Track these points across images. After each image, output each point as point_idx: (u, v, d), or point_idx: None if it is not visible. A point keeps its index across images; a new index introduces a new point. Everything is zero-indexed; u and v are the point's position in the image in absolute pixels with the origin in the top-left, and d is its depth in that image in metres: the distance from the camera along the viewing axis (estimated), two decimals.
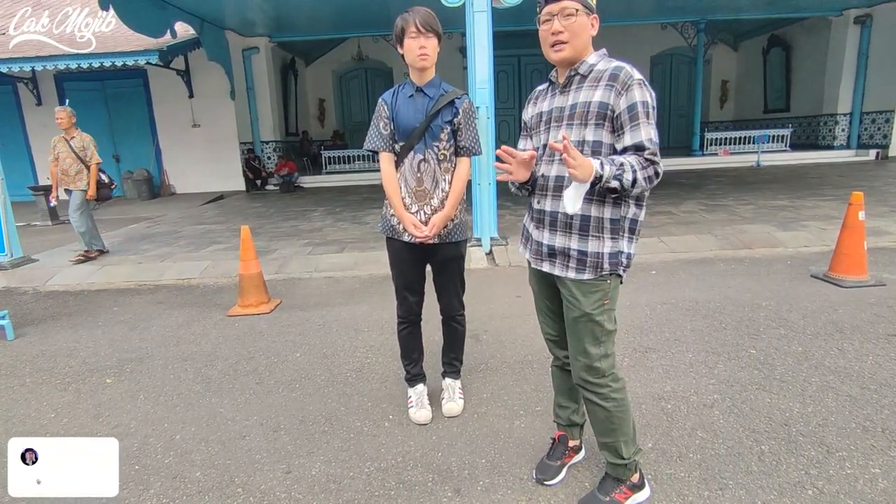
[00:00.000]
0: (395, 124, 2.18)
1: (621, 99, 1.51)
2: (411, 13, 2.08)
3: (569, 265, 1.65)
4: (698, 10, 11.35)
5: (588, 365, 1.69)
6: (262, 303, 4.05)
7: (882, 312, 3.34)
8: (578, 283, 1.64)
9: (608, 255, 1.61)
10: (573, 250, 1.63)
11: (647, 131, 1.50)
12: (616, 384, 1.71)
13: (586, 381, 1.71)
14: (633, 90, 1.50)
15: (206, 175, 11.55)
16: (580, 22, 1.56)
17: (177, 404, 2.68)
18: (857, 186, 7.75)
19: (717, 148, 12.66)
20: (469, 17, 5.04)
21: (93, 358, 3.30)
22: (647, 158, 1.49)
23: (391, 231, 2.28)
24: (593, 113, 1.55)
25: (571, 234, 1.64)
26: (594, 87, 1.57)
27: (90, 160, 5.48)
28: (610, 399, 1.69)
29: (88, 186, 5.51)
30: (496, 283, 4.45)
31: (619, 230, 1.61)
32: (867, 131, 11.96)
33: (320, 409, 2.55)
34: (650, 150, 1.50)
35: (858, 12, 11.37)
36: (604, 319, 1.65)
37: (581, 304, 1.65)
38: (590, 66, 1.60)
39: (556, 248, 1.67)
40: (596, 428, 1.77)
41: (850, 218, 3.91)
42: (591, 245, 1.61)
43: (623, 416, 1.71)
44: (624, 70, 1.53)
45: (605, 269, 1.61)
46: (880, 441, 2.07)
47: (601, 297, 1.64)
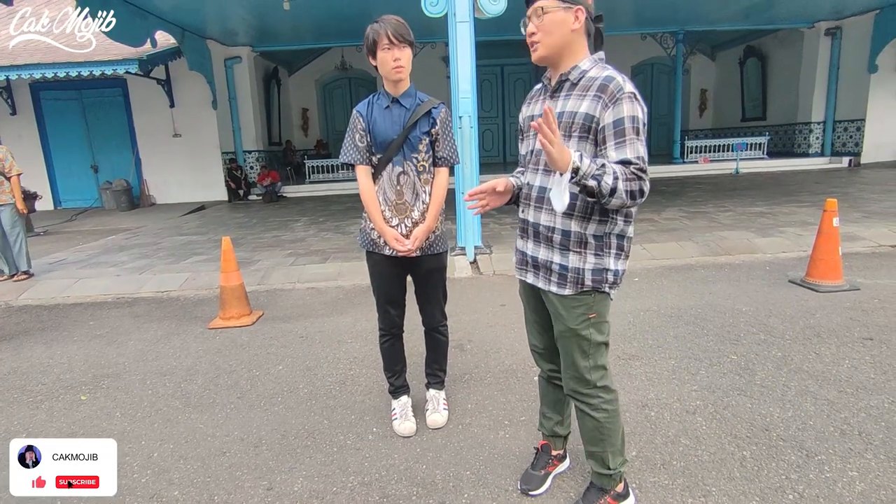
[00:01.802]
0: (372, 136, 2.14)
1: (607, 111, 1.43)
2: (382, 23, 2.03)
3: (550, 279, 1.63)
4: (676, 21, 11.62)
5: (577, 376, 1.67)
6: (244, 315, 3.99)
7: (857, 316, 3.41)
8: (560, 298, 1.62)
9: (590, 271, 1.56)
10: (555, 264, 1.60)
11: (634, 148, 1.42)
12: (607, 395, 1.68)
13: (576, 391, 1.70)
14: (622, 104, 1.42)
15: (188, 185, 11.40)
16: (550, 18, 1.48)
17: (155, 421, 2.61)
18: (832, 193, 7.95)
19: (698, 155, 12.89)
20: (451, 28, 5.07)
21: (67, 374, 3.21)
22: (634, 172, 1.41)
23: (372, 245, 2.25)
24: (578, 125, 1.49)
25: (553, 248, 1.60)
26: (582, 96, 1.49)
27: (9, 172, 5.16)
28: (600, 410, 1.67)
29: (14, 199, 5.20)
30: (480, 291, 4.45)
31: (604, 247, 1.56)
32: (840, 139, 12.29)
33: (303, 423, 2.51)
34: (636, 166, 1.41)
35: (829, 24, 11.74)
36: (590, 333, 1.62)
37: (565, 318, 1.63)
38: (581, 73, 1.52)
39: (539, 260, 1.65)
40: (584, 437, 1.76)
41: (824, 224, 4.00)
42: (572, 260, 1.57)
43: (612, 427, 1.69)
44: (615, 81, 1.44)
45: (587, 285, 1.57)
46: (857, 444, 2.10)
47: (584, 311, 1.60)
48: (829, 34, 11.80)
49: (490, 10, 5.05)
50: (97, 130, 11.46)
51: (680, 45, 12.90)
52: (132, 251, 6.58)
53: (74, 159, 11.48)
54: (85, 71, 8.69)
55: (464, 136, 4.97)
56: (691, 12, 10.79)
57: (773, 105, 13.71)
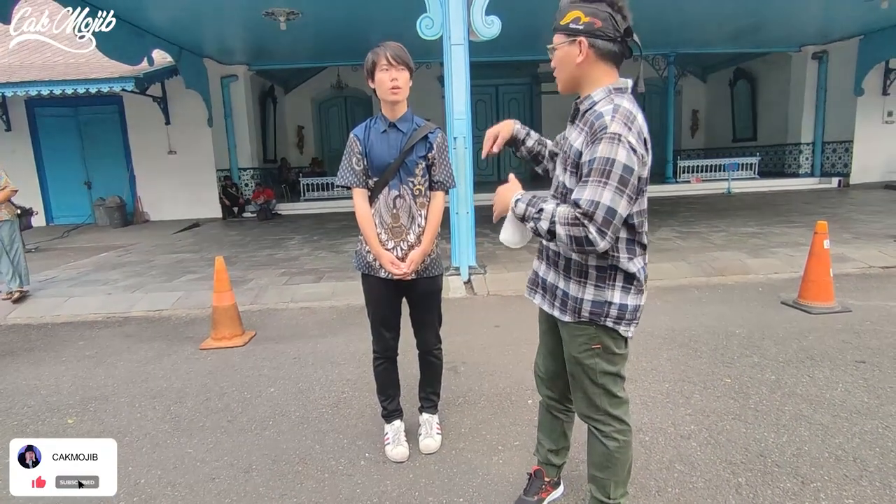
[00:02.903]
0: (369, 160, 2.16)
1: (587, 150, 1.40)
2: (382, 47, 2.08)
3: (554, 303, 1.62)
4: (668, 43, 11.85)
5: (587, 400, 1.64)
6: (236, 335, 3.96)
7: (849, 339, 3.42)
8: (563, 324, 1.61)
9: (590, 302, 1.53)
10: (559, 289, 1.60)
11: (592, 191, 1.33)
12: (620, 425, 1.63)
13: (587, 415, 1.67)
14: (601, 143, 1.35)
15: (182, 202, 11.37)
16: (558, 55, 1.50)
17: (143, 445, 2.57)
18: (822, 213, 8.05)
19: (690, 175, 13.03)
20: (447, 50, 5.14)
21: (54, 396, 3.15)
22: (577, 216, 1.34)
23: (367, 268, 2.25)
24: (571, 160, 1.47)
25: (559, 273, 1.60)
26: (581, 130, 1.46)
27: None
28: (611, 438, 1.63)
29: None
30: (475, 312, 4.43)
31: (607, 278, 1.51)
32: (829, 160, 12.48)
33: (294, 448, 2.48)
34: (581, 210, 1.34)
35: (815, 48, 12.01)
36: (595, 363, 1.57)
37: (568, 345, 1.62)
38: (591, 104, 1.47)
39: (548, 283, 1.65)
40: (591, 460, 1.72)
41: (815, 246, 4.04)
42: (573, 288, 1.56)
43: (621, 458, 1.65)
44: (602, 119, 1.37)
45: (584, 315, 1.53)
46: (852, 470, 2.09)
47: (586, 340, 1.56)
48: (816, 58, 12.06)
49: (484, 33, 5.13)
50: (92, 147, 11.44)
51: (671, 66, 13.16)
52: (124, 269, 6.53)
53: (68, 175, 11.43)
54: (81, 88, 8.70)
55: (458, 156, 5.01)
56: (682, 35, 11.02)
57: (764, 126, 13.94)
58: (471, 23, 5.09)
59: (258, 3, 7.51)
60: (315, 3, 7.70)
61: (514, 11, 6.18)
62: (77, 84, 8.67)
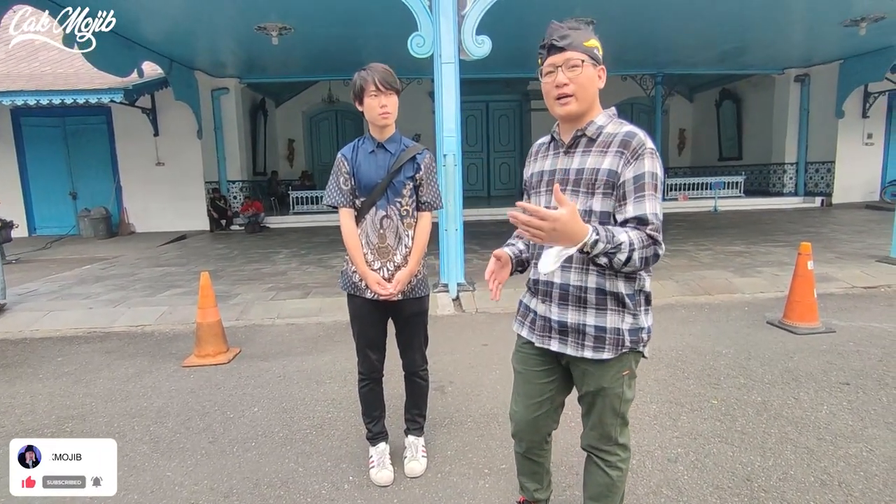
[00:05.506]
0: (356, 180, 2.16)
1: (629, 168, 1.40)
2: (369, 71, 2.09)
3: (584, 343, 1.51)
4: (656, 64, 12.10)
5: (602, 434, 1.60)
6: (220, 352, 3.89)
7: (833, 360, 3.45)
8: (590, 361, 1.52)
9: (629, 331, 1.49)
10: (589, 326, 1.50)
11: (652, 205, 1.38)
12: (624, 454, 1.62)
13: (595, 448, 1.63)
14: (644, 160, 1.39)
15: (169, 214, 11.26)
16: (586, 74, 1.44)
17: (120, 468, 2.47)
18: (806, 233, 8.18)
19: (677, 193, 13.21)
20: (437, 68, 5.18)
21: (29, 416, 3.06)
22: (650, 235, 1.36)
23: (353, 288, 2.24)
24: (601, 182, 1.43)
25: (587, 309, 1.49)
26: (603, 152, 1.44)
27: None
28: (615, 467, 1.61)
29: None
30: (463, 330, 4.41)
31: (637, 304, 1.50)
32: (812, 180, 12.74)
33: (276, 471, 2.42)
34: (653, 226, 1.37)
35: (798, 71, 12.34)
36: (622, 391, 1.54)
37: (595, 379, 1.54)
38: (598, 128, 1.48)
39: (570, 324, 1.52)
40: (589, 489, 1.69)
41: (800, 267, 4.09)
42: (611, 320, 1.48)
43: (621, 486, 1.64)
44: (637, 137, 1.42)
45: (626, 346, 1.49)
46: (837, 495, 2.09)
47: (619, 369, 1.52)
48: (799, 80, 12.38)
49: (475, 52, 5.18)
50: (78, 157, 11.31)
51: (659, 86, 13.44)
52: (107, 282, 6.42)
53: (53, 186, 11.28)
54: (69, 99, 8.65)
55: (448, 173, 5.03)
56: (670, 56, 11.26)
57: (749, 145, 14.21)
58: (461, 42, 5.15)
59: (250, 18, 7.55)
60: (307, 20, 7.75)
61: (505, 31, 6.28)
62: (65, 94, 8.62)
